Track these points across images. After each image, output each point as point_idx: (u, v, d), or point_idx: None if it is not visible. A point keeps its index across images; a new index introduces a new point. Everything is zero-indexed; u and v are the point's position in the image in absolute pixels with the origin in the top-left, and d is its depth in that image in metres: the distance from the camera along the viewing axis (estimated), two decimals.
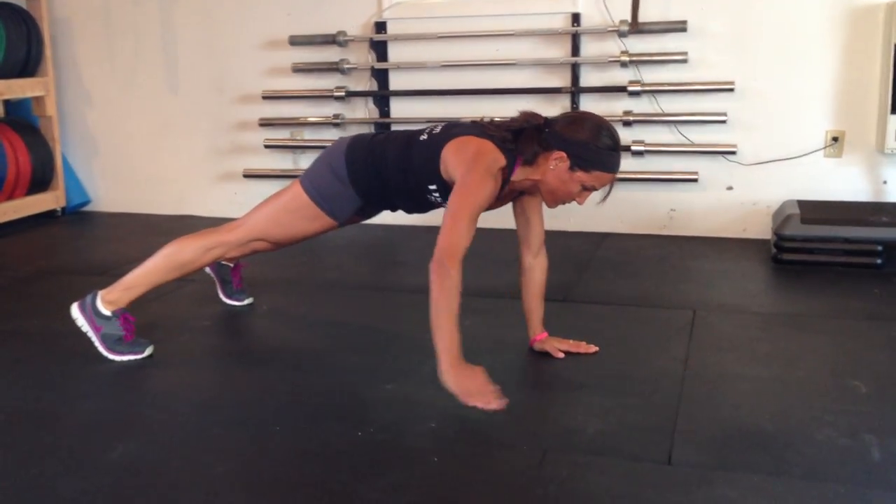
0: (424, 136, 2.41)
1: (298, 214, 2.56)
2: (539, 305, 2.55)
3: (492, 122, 2.39)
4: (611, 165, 2.29)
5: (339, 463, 1.93)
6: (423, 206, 2.52)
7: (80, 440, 2.07)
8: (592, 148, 2.24)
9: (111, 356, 2.53)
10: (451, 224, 2.19)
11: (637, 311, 2.93)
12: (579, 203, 2.36)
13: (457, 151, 2.29)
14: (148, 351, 2.56)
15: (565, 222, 4.03)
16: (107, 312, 2.53)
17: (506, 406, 2.03)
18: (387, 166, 2.45)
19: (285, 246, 2.72)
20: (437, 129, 2.42)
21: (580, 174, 2.26)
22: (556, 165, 2.27)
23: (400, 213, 2.72)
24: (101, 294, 2.56)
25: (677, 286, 3.23)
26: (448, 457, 1.94)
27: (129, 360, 2.53)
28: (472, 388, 2.05)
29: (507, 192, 2.36)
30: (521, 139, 2.28)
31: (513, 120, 2.35)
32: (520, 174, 2.32)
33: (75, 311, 2.56)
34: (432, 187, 2.39)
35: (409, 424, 2.10)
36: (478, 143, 2.28)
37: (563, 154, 2.25)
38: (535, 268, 2.53)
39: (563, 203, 2.37)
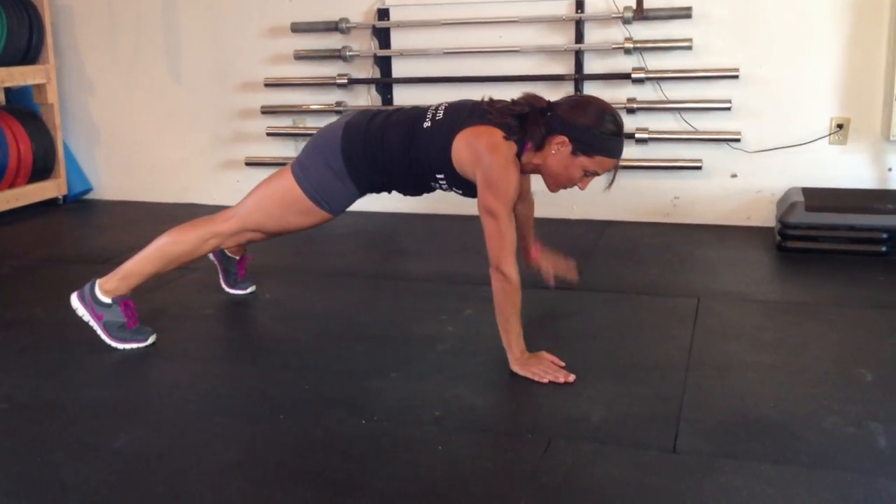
0: (427, 124, 2.37)
1: (294, 209, 2.51)
2: (530, 231, 2.79)
3: (492, 102, 2.35)
4: (614, 151, 2.27)
5: (343, 451, 1.92)
6: (425, 190, 2.52)
7: (85, 428, 2.07)
8: (595, 133, 2.22)
9: (114, 344, 2.52)
10: (493, 227, 2.25)
11: (641, 299, 2.93)
12: (581, 188, 2.34)
13: (469, 145, 2.27)
14: (151, 339, 2.56)
15: (568, 210, 4.03)
16: (106, 300, 2.52)
17: (575, 379, 2.23)
18: (388, 155, 2.40)
19: (280, 236, 2.70)
20: (440, 115, 2.38)
21: (582, 159, 2.25)
22: (558, 150, 2.25)
23: (402, 200, 2.71)
24: (98, 283, 2.55)
25: (681, 274, 3.22)
26: (453, 445, 1.94)
27: (132, 349, 2.53)
28: (541, 369, 2.25)
29: None
30: (528, 124, 2.26)
31: (515, 104, 2.32)
32: (527, 158, 2.30)
33: (75, 300, 2.55)
34: (440, 176, 2.38)
35: (413, 413, 2.10)
36: (487, 132, 2.27)
37: (566, 138, 2.23)
38: (524, 208, 2.69)
39: (565, 188, 2.35)
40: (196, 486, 1.80)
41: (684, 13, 3.72)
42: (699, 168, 3.86)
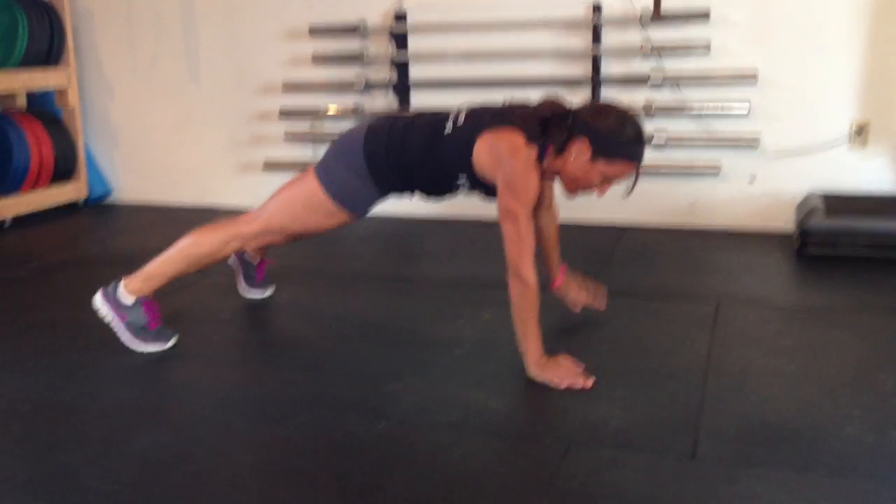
0: (449, 127, 2.38)
1: (317, 210, 2.53)
2: (555, 249, 2.69)
3: (515, 106, 2.36)
4: (633, 156, 2.26)
5: (361, 455, 1.93)
6: (445, 193, 2.52)
7: (104, 430, 2.08)
8: (615, 138, 2.22)
9: (136, 344, 2.54)
10: (512, 230, 2.25)
11: (659, 304, 2.91)
12: (600, 194, 2.34)
13: (490, 148, 2.28)
14: (172, 341, 2.58)
15: (586, 214, 4.02)
16: (129, 301, 2.54)
17: (594, 383, 2.23)
18: (411, 158, 2.41)
19: (303, 238, 2.72)
20: (462, 119, 2.38)
21: (602, 164, 2.25)
22: (577, 154, 2.25)
23: (420, 204, 2.72)
24: (122, 283, 2.57)
25: (700, 279, 3.20)
26: (470, 450, 1.93)
27: (153, 351, 2.54)
28: (559, 374, 2.25)
29: None
30: (550, 128, 2.27)
31: (537, 108, 2.33)
32: (548, 162, 2.31)
33: (98, 300, 2.57)
34: (461, 177, 2.39)
35: (431, 417, 2.10)
36: (508, 136, 2.27)
37: (586, 143, 2.23)
38: (548, 220, 2.64)
39: (584, 192, 2.35)
40: (214, 489, 1.81)
41: (702, 16, 3.71)
42: (717, 172, 3.84)
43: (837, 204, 3.44)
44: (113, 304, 2.55)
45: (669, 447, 1.92)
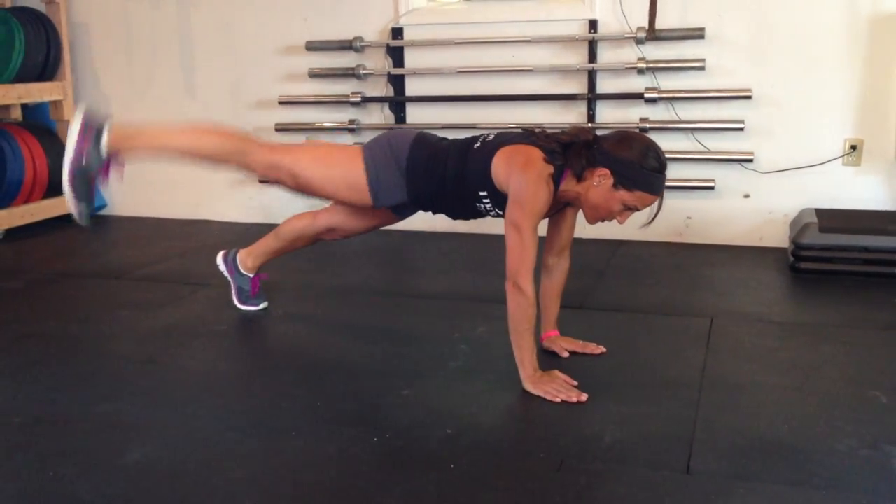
0: (478, 144, 2.46)
1: (343, 173, 2.53)
2: (554, 304, 2.60)
3: (543, 131, 2.42)
4: (654, 187, 2.29)
5: (355, 469, 1.92)
6: (471, 212, 2.55)
7: (96, 443, 2.07)
8: (637, 167, 2.25)
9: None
10: (516, 240, 2.27)
11: (654, 318, 2.92)
12: (620, 222, 2.39)
13: (507, 160, 2.34)
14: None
15: (581, 229, 4.00)
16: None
17: (586, 399, 2.22)
18: (445, 174, 2.47)
19: (303, 195, 2.69)
20: (490, 137, 2.47)
21: (623, 193, 2.28)
22: (599, 182, 2.28)
23: (415, 218, 2.73)
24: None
25: (694, 294, 3.21)
26: (465, 463, 1.93)
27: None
28: (553, 388, 2.25)
29: (553, 203, 2.37)
30: (570, 152, 2.31)
31: (563, 133, 2.39)
32: (566, 185, 2.34)
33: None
34: (483, 193, 2.42)
35: (425, 430, 2.09)
36: (527, 150, 2.33)
37: (608, 171, 2.27)
38: (556, 268, 2.58)
39: (604, 220, 2.39)
40: (207, 502, 1.80)
41: (697, 34, 3.73)
42: (712, 188, 3.85)
43: (831, 220, 3.45)
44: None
45: (664, 461, 1.92)
